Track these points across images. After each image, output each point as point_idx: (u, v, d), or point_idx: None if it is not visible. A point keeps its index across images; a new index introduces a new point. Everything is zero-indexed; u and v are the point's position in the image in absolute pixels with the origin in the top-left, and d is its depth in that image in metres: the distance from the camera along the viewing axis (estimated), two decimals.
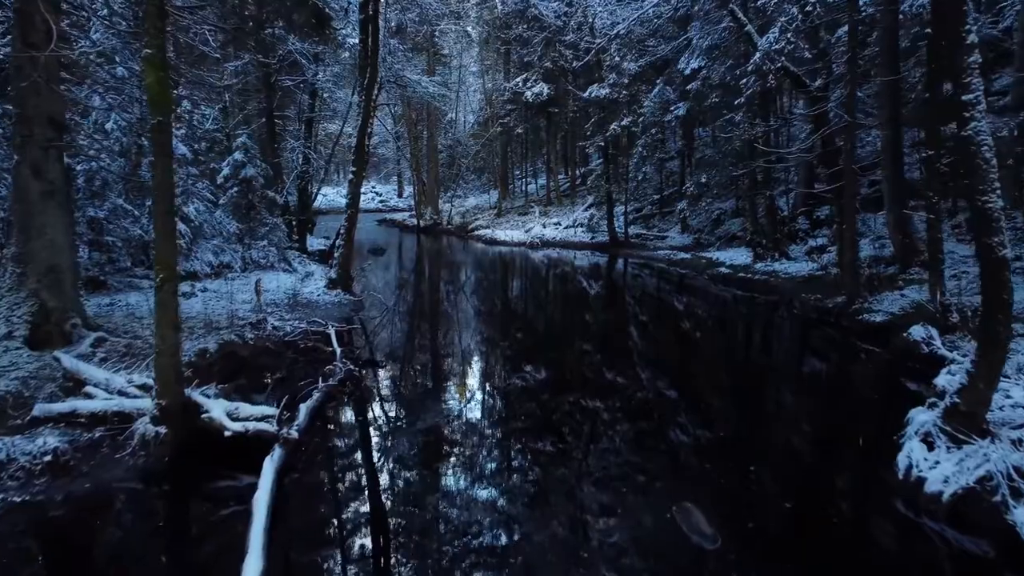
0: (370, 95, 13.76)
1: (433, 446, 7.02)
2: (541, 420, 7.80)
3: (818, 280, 15.59)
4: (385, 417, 8.04)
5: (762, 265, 17.77)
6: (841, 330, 11.80)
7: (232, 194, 16.52)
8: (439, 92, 25.01)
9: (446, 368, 10.21)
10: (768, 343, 12.74)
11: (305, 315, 12.58)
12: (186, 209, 14.81)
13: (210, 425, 6.34)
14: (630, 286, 19.36)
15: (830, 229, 19.00)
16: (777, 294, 15.42)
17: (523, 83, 31.00)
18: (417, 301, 16.96)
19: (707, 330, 13.61)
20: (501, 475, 6.44)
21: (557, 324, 14.24)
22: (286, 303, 13.53)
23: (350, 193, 14.17)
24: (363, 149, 14.04)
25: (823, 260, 16.62)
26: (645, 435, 7.29)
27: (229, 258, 15.61)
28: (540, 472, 6.37)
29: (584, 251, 25.56)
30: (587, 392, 8.87)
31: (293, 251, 20.38)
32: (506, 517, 5.43)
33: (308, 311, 13.06)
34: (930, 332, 9.54)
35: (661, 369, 10.23)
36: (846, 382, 9.63)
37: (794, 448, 7.16)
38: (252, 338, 10.51)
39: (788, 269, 16.90)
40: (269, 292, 14.07)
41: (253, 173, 16.45)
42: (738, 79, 16.32)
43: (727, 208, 24.01)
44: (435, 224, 34.70)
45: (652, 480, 6.08)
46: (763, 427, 7.69)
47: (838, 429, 7.45)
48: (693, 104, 21.82)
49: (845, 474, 6.48)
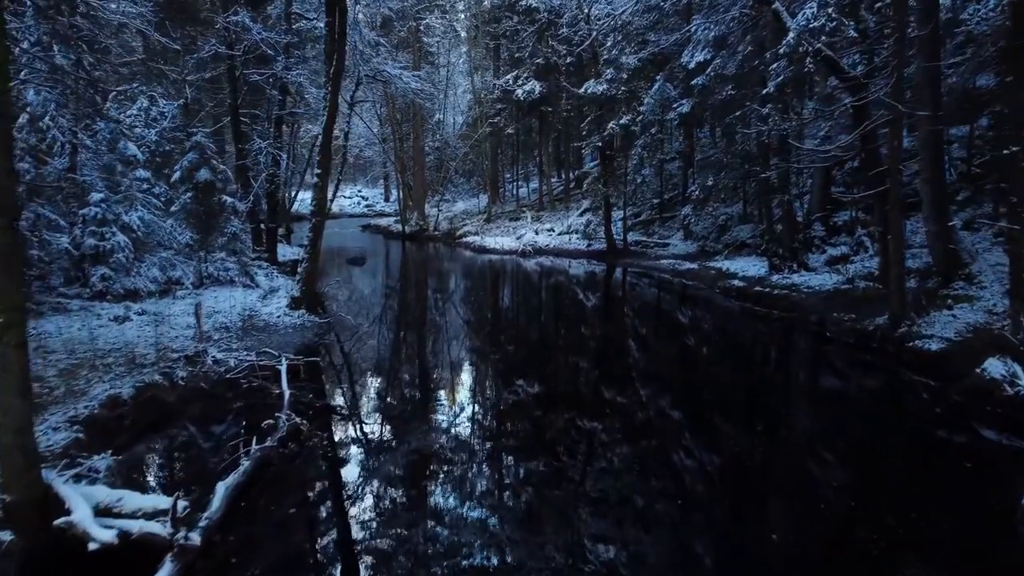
0: (336, 85, 11.92)
1: (403, 543, 5.17)
2: (538, 503, 5.97)
3: (845, 295, 13.87)
4: (337, 493, 6.18)
5: (779, 277, 16.04)
6: (888, 359, 10.05)
7: (185, 200, 14.61)
8: (421, 87, 23.16)
9: (422, 416, 8.34)
10: (800, 375, 10.89)
11: (258, 343, 10.70)
12: (127, 218, 12.89)
13: (69, 532, 4.47)
14: (633, 302, 17.58)
15: (851, 236, 17.34)
16: (800, 311, 13.67)
17: (513, 80, 29.23)
18: (395, 322, 14.82)
19: (723, 355, 11.85)
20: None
21: (558, 354, 12.18)
22: (239, 327, 11.64)
23: (315, 198, 12.33)
24: (329, 148, 12.20)
25: (849, 272, 14.89)
26: (682, 523, 5.48)
27: (179, 273, 13.69)
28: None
29: (580, 259, 23.77)
30: (599, 454, 7.06)
31: (262, 262, 18.48)
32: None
33: (264, 337, 11.19)
34: (1012, 368, 7.81)
35: (677, 405, 8.45)
36: (912, 435, 7.56)
37: (853, 531, 5.24)
38: (184, 377, 8.62)
39: (810, 282, 15.17)
40: (221, 313, 12.18)
41: (209, 176, 14.54)
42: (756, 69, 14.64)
43: (734, 213, 22.31)
44: (421, 230, 32.81)
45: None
46: (808, 494, 5.85)
47: (916, 507, 5.57)
48: (698, 100, 20.11)
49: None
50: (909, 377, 9.22)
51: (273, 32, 17.65)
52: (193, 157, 14.53)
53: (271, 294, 14.45)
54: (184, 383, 8.46)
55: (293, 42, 18.53)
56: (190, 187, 14.62)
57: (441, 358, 11.35)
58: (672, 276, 19.20)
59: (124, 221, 12.77)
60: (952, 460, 6.68)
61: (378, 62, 20.22)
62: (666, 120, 22.80)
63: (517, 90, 28.41)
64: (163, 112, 18.21)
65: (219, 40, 18.12)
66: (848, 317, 12.10)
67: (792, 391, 9.87)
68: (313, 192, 12.45)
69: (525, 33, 28.71)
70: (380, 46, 28.20)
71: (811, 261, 16.75)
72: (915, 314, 10.68)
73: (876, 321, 11.26)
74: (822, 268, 16.40)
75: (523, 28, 28.87)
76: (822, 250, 17.49)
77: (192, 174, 14.56)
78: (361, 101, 25.39)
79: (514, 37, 30.11)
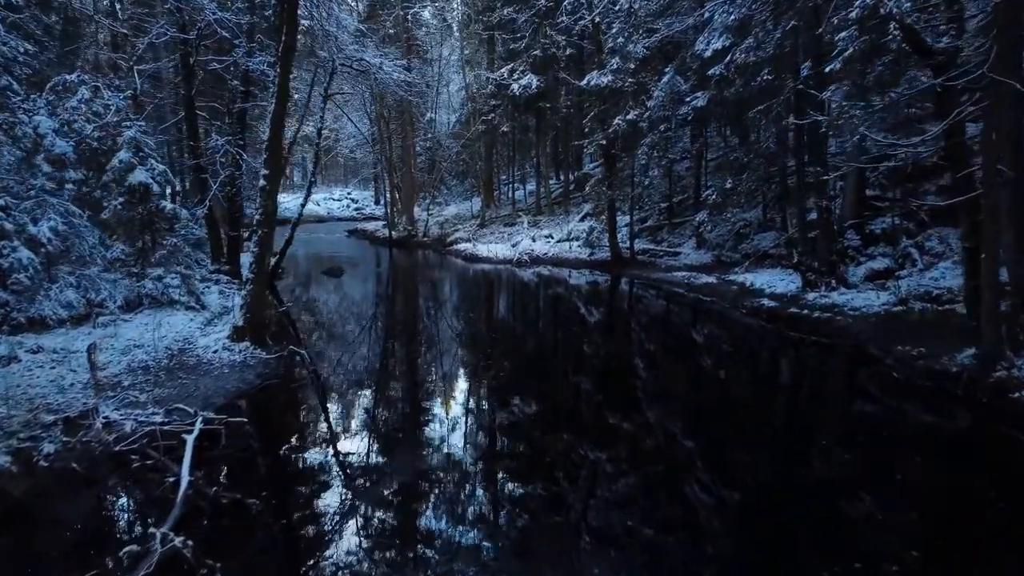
0: (287, 65, 9.65)
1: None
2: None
3: (901, 320, 11.63)
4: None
5: (816, 295, 13.78)
6: (988, 415, 7.79)
7: (117, 206, 12.31)
8: (405, 79, 20.84)
9: (380, 511, 6.01)
10: (872, 439, 7.53)
11: (178, 391, 8.42)
12: (36, 229, 10.57)
13: None
14: (648, 329, 15.21)
15: (892, 247, 15.14)
16: (850, 340, 11.42)
17: (509, 74, 26.96)
18: (365, 358, 11.75)
19: (763, 401, 9.56)
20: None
21: (569, 412, 9.63)
22: (163, 366, 9.35)
23: (262, 205, 10.05)
24: (278, 143, 9.94)
25: (900, 290, 12.64)
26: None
27: (104, 294, 11.37)
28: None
29: (582, 270, 21.48)
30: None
31: (221, 276, 16.19)
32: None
33: (190, 381, 8.90)
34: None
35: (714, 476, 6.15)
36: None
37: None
38: (54, 451, 6.33)
39: (854, 302, 12.92)
40: (144, 348, 9.89)
41: (145, 178, 12.24)
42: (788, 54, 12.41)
43: (752, 219, 20.06)
44: (409, 236, 30.48)
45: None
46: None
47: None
48: (715, 93, 17.87)
49: None
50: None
51: (231, 13, 15.35)
52: (125, 157, 12.24)
53: (217, 319, 12.17)
54: (49, 463, 6.17)
55: (256, 24, 16.25)
56: (123, 191, 12.33)
57: (417, 416, 8.62)
58: (687, 291, 16.92)
59: (31, 233, 10.46)
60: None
61: (355, 49, 17.91)
62: (677, 116, 20.56)
63: (513, 84, 26.13)
64: (108, 104, 15.93)
65: (170, 22, 15.84)
66: (916, 351, 9.85)
67: (866, 466, 7.29)
68: (260, 197, 10.15)
69: (520, 19, 26.44)
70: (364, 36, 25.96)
71: (849, 275, 14.53)
72: (1011, 352, 8.43)
73: (957, 359, 9.01)
74: (863, 284, 14.17)
75: (519, 17, 26.60)
76: (857, 262, 15.27)
77: (125, 176, 12.27)
78: (338, 94, 23.06)
79: (509, 27, 27.83)
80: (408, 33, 29.42)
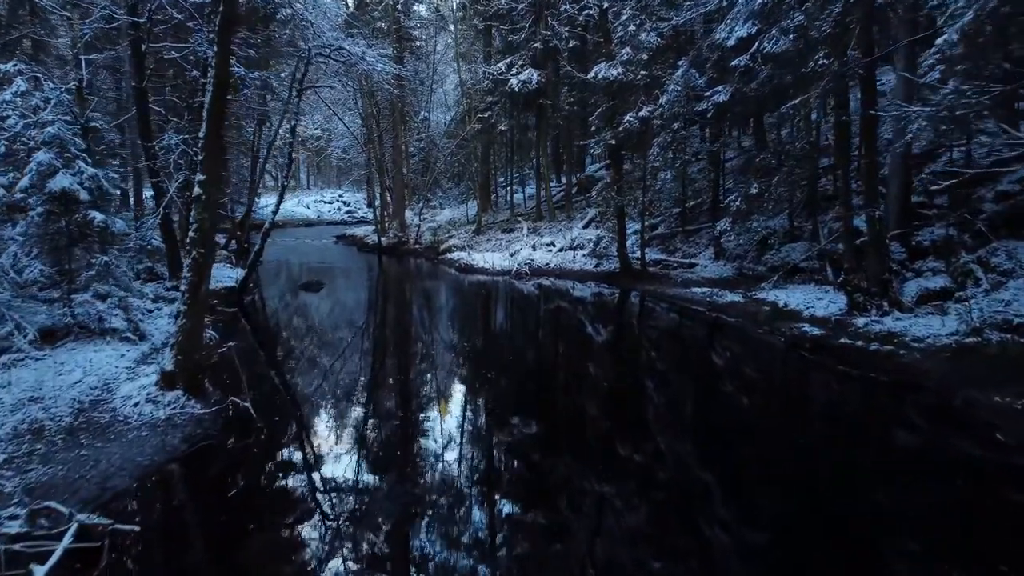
0: (225, 40, 7.60)
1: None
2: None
3: (978, 354, 9.61)
4: None
5: (866, 320, 11.74)
6: None
7: (35, 217, 10.25)
8: (390, 70, 18.79)
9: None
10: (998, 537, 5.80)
11: (69, 468, 6.38)
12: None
13: None
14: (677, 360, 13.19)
15: (946, 262, 13.13)
16: (920, 381, 9.39)
17: (507, 68, 24.92)
18: (328, 408, 9.23)
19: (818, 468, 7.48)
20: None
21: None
22: (63, 427, 7.30)
23: (196, 219, 8.00)
24: (216, 141, 7.87)
25: (971, 317, 10.55)
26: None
27: (9, 326, 9.30)
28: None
29: (588, 282, 19.45)
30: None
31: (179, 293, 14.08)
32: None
33: (95, 448, 6.87)
34: None
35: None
36: None
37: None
38: None
39: (913, 330, 10.88)
40: (48, 397, 7.83)
41: (70, 184, 10.18)
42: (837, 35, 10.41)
43: (776, 227, 18.04)
44: (400, 242, 28.39)
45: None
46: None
47: None
48: (739, 86, 15.86)
49: None
50: None
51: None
52: (45, 158, 10.17)
53: (159, 352, 10.13)
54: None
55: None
56: (44, 200, 10.27)
57: (387, 507, 6.28)
58: (709, 311, 14.86)
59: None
60: None
61: (333, 37, 15.86)
62: (694, 112, 18.57)
63: (511, 79, 24.09)
64: (48, 98, 13.86)
65: (118, 3, 13.80)
66: (1021, 403, 7.83)
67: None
68: (194, 210, 8.09)
69: (519, 6, 24.40)
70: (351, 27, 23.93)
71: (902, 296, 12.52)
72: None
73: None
74: (919, 308, 12.15)
75: (519, 5, 24.55)
76: (902, 279, 13.27)
77: (46, 181, 10.21)
78: (321, 87, 21.02)
79: (508, 17, 25.80)
80: (399, 25, 27.36)
